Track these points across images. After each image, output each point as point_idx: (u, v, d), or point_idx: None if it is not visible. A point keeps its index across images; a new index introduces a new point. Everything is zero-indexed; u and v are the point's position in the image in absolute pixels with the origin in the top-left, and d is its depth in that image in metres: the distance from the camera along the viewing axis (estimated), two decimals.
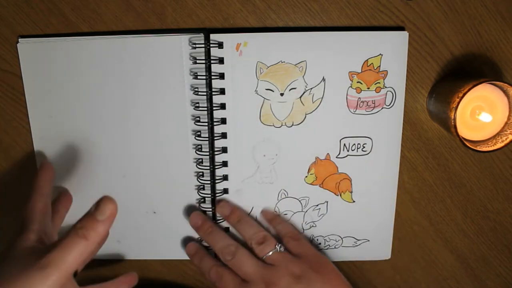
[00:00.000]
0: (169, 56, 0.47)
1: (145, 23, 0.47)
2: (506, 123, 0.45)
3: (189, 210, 0.51)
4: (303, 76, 0.47)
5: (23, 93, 0.49)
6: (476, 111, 0.45)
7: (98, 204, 0.34)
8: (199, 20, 0.47)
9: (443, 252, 0.54)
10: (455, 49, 0.47)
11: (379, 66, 0.47)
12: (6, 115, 0.50)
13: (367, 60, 0.47)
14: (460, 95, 0.41)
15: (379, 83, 0.47)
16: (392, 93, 0.48)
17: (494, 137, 0.45)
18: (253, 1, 0.46)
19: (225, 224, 0.51)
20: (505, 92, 0.44)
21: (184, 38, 0.46)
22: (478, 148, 0.44)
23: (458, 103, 0.41)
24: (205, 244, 0.52)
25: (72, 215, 0.52)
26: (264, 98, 0.48)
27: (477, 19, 0.47)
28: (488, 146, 0.45)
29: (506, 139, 0.44)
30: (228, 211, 0.50)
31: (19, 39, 0.47)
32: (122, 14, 0.47)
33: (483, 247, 0.54)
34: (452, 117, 0.42)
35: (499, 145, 0.44)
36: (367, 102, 0.48)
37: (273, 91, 0.47)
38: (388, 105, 0.48)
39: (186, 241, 0.53)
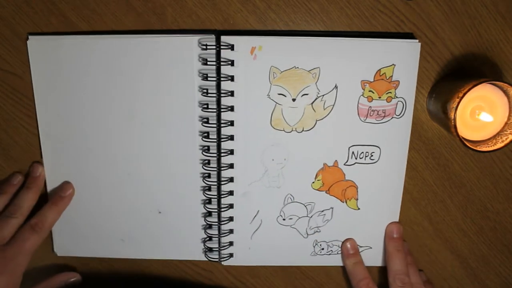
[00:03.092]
0: (178, 57, 0.46)
1: (145, 23, 0.47)
2: (506, 123, 0.45)
3: (194, 211, 0.51)
4: (315, 83, 0.47)
5: (24, 93, 0.49)
6: (476, 111, 0.45)
7: None
8: (199, 20, 0.47)
9: (443, 252, 0.54)
10: (455, 49, 0.47)
11: (391, 76, 0.47)
12: (6, 115, 0.50)
13: (380, 69, 0.47)
14: (460, 95, 0.41)
15: (390, 93, 0.47)
16: (403, 103, 0.48)
17: (494, 137, 0.45)
18: (253, 1, 0.46)
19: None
20: (505, 92, 0.44)
21: (194, 39, 0.46)
22: (478, 148, 0.44)
23: (458, 103, 0.41)
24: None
25: (79, 214, 0.52)
26: (276, 103, 0.47)
27: (477, 19, 0.47)
28: (488, 146, 0.45)
29: (506, 139, 0.44)
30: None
31: (29, 36, 0.47)
32: (122, 14, 0.47)
33: (483, 247, 0.54)
34: (452, 117, 0.42)
35: (499, 145, 0.44)
36: (378, 111, 0.48)
37: (285, 96, 0.47)
38: (398, 115, 0.48)
39: (191, 242, 0.53)
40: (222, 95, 0.47)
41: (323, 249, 0.53)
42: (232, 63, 0.46)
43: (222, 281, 0.56)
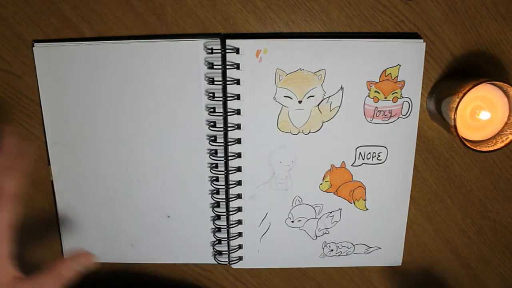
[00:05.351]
0: (185, 61, 0.46)
1: (145, 23, 0.47)
2: (506, 123, 0.45)
3: (203, 214, 0.51)
4: (321, 84, 0.47)
5: (23, 93, 0.49)
6: (476, 111, 0.45)
7: None
8: (199, 20, 0.47)
9: (443, 252, 0.54)
10: (455, 49, 0.47)
11: (397, 76, 0.47)
12: (6, 115, 0.50)
13: (385, 70, 0.47)
14: (460, 95, 0.41)
15: (396, 93, 0.47)
16: (409, 103, 0.48)
17: (494, 137, 0.45)
18: (253, 1, 0.46)
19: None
20: (505, 92, 0.44)
21: (200, 43, 0.46)
22: (478, 148, 0.44)
23: (458, 103, 0.41)
24: None
25: (88, 219, 0.52)
26: (282, 105, 0.48)
27: (477, 19, 0.47)
28: (488, 146, 0.45)
29: (506, 139, 0.44)
30: None
31: (35, 44, 0.47)
32: (122, 14, 0.47)
33: (483, 247, 0.54)
34: (452, 117, 0.42)
35: (499, 145, 0.44)
36: (384, 112, 0.48)
37: (291, 98, 0.47)
38: (404, 115, 0.48)
39: (200, 245, 0.53)
40: (228, 98, 0.47)
41: (332, 250, 0.53)
42: (237, 66, 0.46)
43: (222, 281, 0.56)
